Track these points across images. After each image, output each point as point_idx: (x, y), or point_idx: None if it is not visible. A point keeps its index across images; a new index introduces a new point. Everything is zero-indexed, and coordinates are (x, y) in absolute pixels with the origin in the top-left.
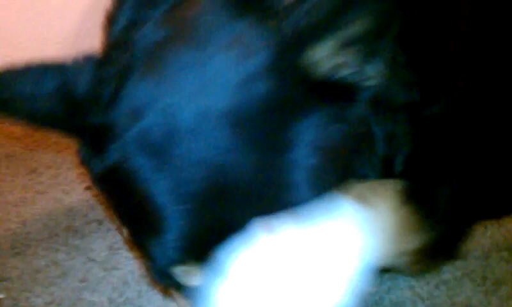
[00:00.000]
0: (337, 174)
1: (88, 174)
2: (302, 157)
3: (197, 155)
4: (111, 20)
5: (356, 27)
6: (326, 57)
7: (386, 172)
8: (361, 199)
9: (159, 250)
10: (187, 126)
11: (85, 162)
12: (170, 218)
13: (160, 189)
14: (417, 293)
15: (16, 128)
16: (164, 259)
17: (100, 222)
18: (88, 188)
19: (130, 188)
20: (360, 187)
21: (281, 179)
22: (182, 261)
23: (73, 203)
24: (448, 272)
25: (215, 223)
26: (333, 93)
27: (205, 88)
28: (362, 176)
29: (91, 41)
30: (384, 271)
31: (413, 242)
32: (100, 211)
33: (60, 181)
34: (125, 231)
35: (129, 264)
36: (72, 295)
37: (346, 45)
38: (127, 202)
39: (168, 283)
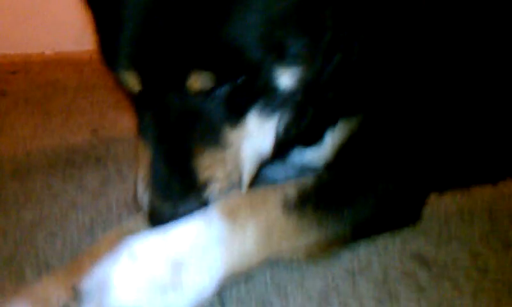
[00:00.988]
0: (292, 28)
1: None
2: None
3: None
4: None
5: None
6: None
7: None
8: (231, 216)
9: (113, 52)
10: None
11: None
12: (126, 26)
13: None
14: (372, 238)
15: (39, 77)
16: (114, 59)
17: (98, 160)
18: (94, 131)
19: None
20: (235, 201)
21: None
22: (126, 63)
23: (78, 141)
24: (407, 228)
25: (158, 38)
26: None
27: None
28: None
29: None
30: None
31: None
32: (101, 150)
33: (69, 124)
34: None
35: (116, 194)
36: (58, 213)
37: None
38: (103, 12)
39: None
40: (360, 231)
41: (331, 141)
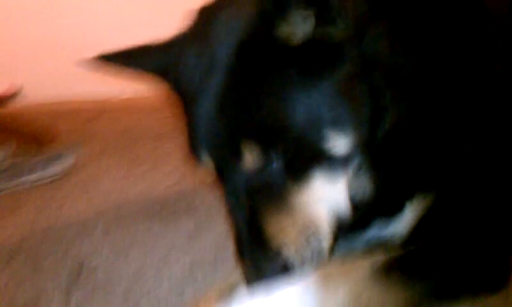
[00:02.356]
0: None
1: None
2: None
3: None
4: None
5: None
6: (297, 25)
7: (372, 130)
8: (325, 283)
9: (193, 148)
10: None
11: None
12: (201, 130)
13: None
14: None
15: (119, 124)
16: (196, 153)
17: (185, 211)
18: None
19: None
20: (329, 269)
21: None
22: (203, 154)
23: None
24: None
25: (219, 129)
26: (315, 53)
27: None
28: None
29: None
30: None
31: None
32: (186, 201)
33: (154, 174)
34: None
35: (210, 237)
36: (161, 254)
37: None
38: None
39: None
40: (446, 295)
41: (410, 213)
